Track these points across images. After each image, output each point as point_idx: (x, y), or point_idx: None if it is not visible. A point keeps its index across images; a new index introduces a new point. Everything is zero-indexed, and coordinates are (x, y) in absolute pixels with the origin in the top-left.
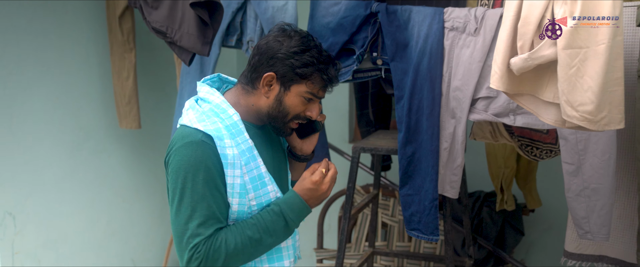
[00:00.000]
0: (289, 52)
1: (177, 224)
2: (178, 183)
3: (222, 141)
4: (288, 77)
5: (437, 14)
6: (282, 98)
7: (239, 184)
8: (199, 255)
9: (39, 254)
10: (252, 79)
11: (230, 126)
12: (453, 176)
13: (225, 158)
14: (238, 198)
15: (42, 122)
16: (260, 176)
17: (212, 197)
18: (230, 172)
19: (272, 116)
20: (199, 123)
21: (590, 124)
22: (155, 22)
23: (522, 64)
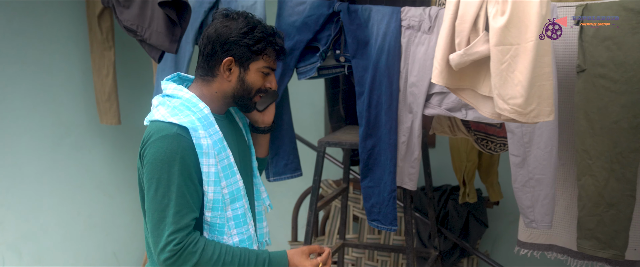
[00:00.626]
0: (240, 34)
1: (153, 213)
2: (154, 174)
3: (197, 131)
4: (245, 57)
5: (394, 13)
6: (244, 77)
7: (213, 172)
8: (176, 248)
9: (20, 246)
10: (210, 67)
11: (203, 118)
12: (411, 168)
13: (200, 148)
14: (213, 186)
15: (23, 118)
16: (230, 166)
17: (187, 188)
18: (206, 161)
19: (238, 96)
20: (172, 117)
21: (520, 117)
22: (127, 20)
23: (459, 59)
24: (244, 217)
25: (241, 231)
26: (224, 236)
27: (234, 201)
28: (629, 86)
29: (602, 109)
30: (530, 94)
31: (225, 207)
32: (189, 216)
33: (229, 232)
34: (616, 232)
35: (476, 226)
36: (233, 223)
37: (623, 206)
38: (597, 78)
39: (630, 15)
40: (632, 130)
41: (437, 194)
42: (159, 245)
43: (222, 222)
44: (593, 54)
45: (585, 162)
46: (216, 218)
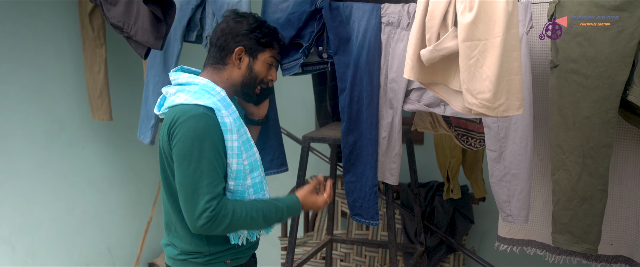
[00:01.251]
0: (251, 28)
1: (187, 185)
2: (187, 150)
3: (220, 111)
4: (254, 48)
5: (375, 9)
6: (252, 66)
7: (236, 146)
8: (211, 213)
9: (14, 240)
10: (221, 57)
11: (221, 100)
12: (392, 163)
13: (225, 125)
14: (236, 158)
15: (17, 115)
16: (248, 140)
17: (216, 161)
18: (229, 136)
19: (245, 83)
20: (196, 100)
21: (488, 111)
22: (113, 17)
23: (429, 55)
24: (261, 185)
25: (258, 196)
26: None
27: (252, 171)
28: (600, 81)
29: (574, 104)
30: (499, 88)
31: (246, 176)
32: (220, 186)
33: (249, 198)
34: (589, 227)
35: (462, 222)
36: (252, 190)
37: (595, 201)
38: (569, 74)
39: (602, 12)
40: (603, 126)
41: (423, 191)
42: (195, 213)
43: (243, 189)
44: (565, 49)
45: (559, 157)
46: (238, 186)
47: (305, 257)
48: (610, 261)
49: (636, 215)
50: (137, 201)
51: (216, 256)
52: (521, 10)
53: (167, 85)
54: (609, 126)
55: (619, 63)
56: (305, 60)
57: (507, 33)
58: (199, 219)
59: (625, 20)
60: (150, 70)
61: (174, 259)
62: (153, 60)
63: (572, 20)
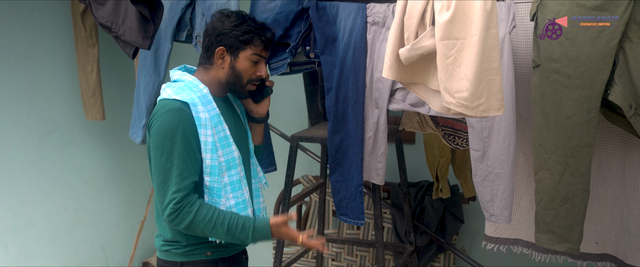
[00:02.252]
0: (231, 26)
1: (159, 175)
2: (159, 142)
3: (196, 107)
4: (235, 46)
5: (360, 9)
6: (234, 65)
7: (210, 141)
8: (175, 206)
9: (7, 239)
10: (208, 57)
11: (202, 97)
12: (378, 163)
13: (199, 120)
14: (210, 153)
15: (10, 114)
16: (226, 137)
17: (187, 154)
18: (203, 131)
19: (230, 82)
20: (176, 95)
21: (467, 110)
22: (102, 17)
23: (407, 54)
24: (239, 184)
25: (236, 195)
26: (222, 199)
27: (229, 168)
28: (581, 81)
29: (556, 103)
30: (478, 88)
31: (222, 173)
32: (189, 179)
33: (226, 196)
34: (571, 226)
35: (452, 222)
36: (229, 188)
37: (577, 200)
38: (551, 73)
39: (583, 12)
40: (585, 125)
41: (414, 190)
42: (164, 203)
43: (219, 186)
44: (547, 49)
45: (542, 156)
46: (214, 182)
47: (295, 257)
48: (596, 259)
49: (620, 214)
50: (130, 200)
51: (195, 247)
52: (504, 10)
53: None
54: (590, 126)
55: (599, 63)
56: (293, 60)
57: (486, 32)
58: (165, 209)
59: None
60: (142, 70)
61: (160, 250)
62: (144, 60)
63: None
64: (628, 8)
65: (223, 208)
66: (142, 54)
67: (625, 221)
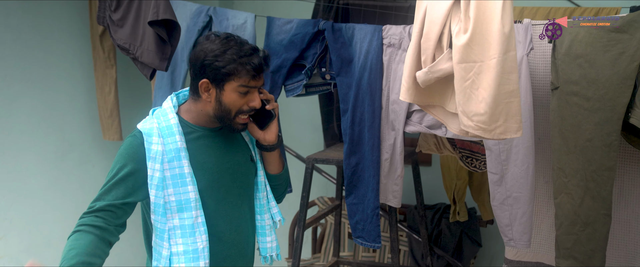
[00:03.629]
0: (211, 56)
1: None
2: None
3: (150, 137)
4: (218, 78)
5: (376, 31)
6: (221, 98)
7: (157, 177)
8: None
9: (22, 259)
10: (194, 89)
11: (165, 128)
12: (394, 185)
13: (149, 152)
14: (155, 190)
15: (27, 134)
16: (182, 175)
17: (119, 179)
18: (151, 165)
19: (218, 116)
20: (141, 123)
21: (485, 133)
22: (120, 39)
23: (424, 77)
24: (192, 229)
25: (187, 241)
26: (165, 243)
27: (181, 210)
28: (601, 104)
29: (575, 126)
30: (496, 111)
31: (171, 213)
32: (98, 203)
33: (174, 240)
34: (593, 252)
35: (469, 245)
36: (179, 232)
37: (599, 225)
38: (570, 95)
39: (602, 33)
40: (605, 148)
41: (430, 213)
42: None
43: (163, 227)
44: (566, 71)
45: (561, 180)
46: (158, 222)
47: None
48: None
49: None
50: None
51: None
52: (521, 32)
53: None
54: (611, 149)
55: (620, 85)
56: (308, 82)
57: (504, 55)
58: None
59: (626, 42)
60: (158, 91)
61: None
62: (161, 81)
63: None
64: None
65: (166, 253)
66: (159, 75)
67: None
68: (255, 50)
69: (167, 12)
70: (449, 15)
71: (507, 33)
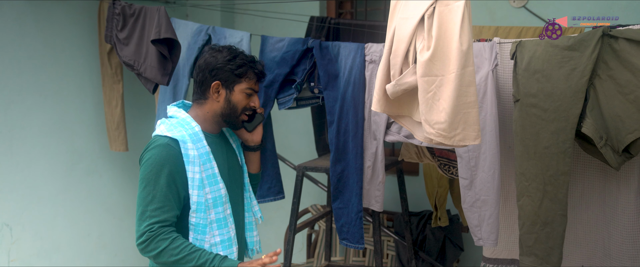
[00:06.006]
0: (225, 61)
1: (138, 206)
2: (145, 174)
3: (186, 144)
4: (230, 80)
5: (359, 49)
6: (230, 98)
7: (198, 178)
8: (150, 234)
9: (33, 263)
10: (202, 91)
11: (193, 134)
12: (376, 191)
13: (187, 157)
14: (197, 190)
15: (39, 145)
16: (214, 175)
17: (169, 190)
18: (191, 168)
19: (226, 115)
20: (167, 132)
21: (445, 140)
22: (125, 56)
23: (392, 89)
24: (225, 221)
25: (222, 232)
26: (207, 236)
27: (216, 205)
28: (557, 115)
29: (534, 135)
30: (455, 120)
31: (209, 210)
32: (168, 213)
33: (212, 233)
34: (551, 249)
35: (452, 249)
36: (215, 225)
37: (556, 225)
38: (529, 107)
39: (557, 51)
40: (561, 155)
41: (416, 219)
42: (138, 233)
43: (204, 223)
44: (525, 85)
45: (523, 184)
46: (200, 219)
47: None
48: None
49: (602, 239)
50: None
51: None
52: (487, 50)
53: None
54: (566, 155)
55: (572, 98)
56: (299, 95)
57: (462, 70)
58: (138, 239)
59: (577, 59)
60: (161, 105)
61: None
62: (164, 95)
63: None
64: (596, 48)
65: (207, 245)
66: (162, 90)
67: (607, 246)
68: (256, 59)
69: (168, 31)
70: (414, 34)
71: (465, 50)
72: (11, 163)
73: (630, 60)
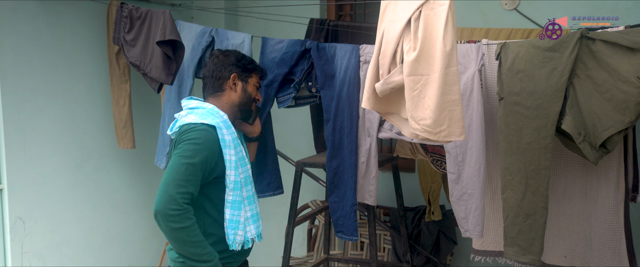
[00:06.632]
0: (238, 58)
1: (169, 172)
2: (184, 150)
3: (221, 130)
4: (244, 74)
5: (354, 50)
6: (246, 88)
7: (234, 160)
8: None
9: (45, 255)
10: (219, 84)
11: (224, 122)
12: (370, 185)
13: (224, 142)
14: (234, 170)
15: (51, 142)
16: (243, 158)
17: (201, 168)
18: (228, 151)
19: (242, 103)
20: (202, 120)
21: (430, 135)
22: (132, 57)
23: (381, 87)
24: (253, 198)
25: (252, 208)
26: (242, 211)
27: (247, 184)
28: (538, 112)
29: (517, 131)
30: (440, 117)
31: (242, 188)
32: (194, 188)
33: (245, 208)
34: (533, 240)
35: (446, 243)
36: (247, 202)
37: (538, 216)
38: (513, 105)
39: (538, 52)
40: (542, 150)
41: (411, 214)
42: (168, 194)
43: (240, 200)
44: (509, 84)
45: (507, 178)
46: (236, 196)
47: None
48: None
49: (584, 231)
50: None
51: None
52: (474, 51)
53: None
54: (547, 151)
55: (553, 96)
56: (297, 94)
57: (446, 69)
58: (170, 202)
59: (557, 59)
60: (167, 104)
61: (175, 261)
62: (169, 94)
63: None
64: (574, 49)
65: (242, 220)
66: (167, 89)
67: (588, 237)
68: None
69: (172, 33)
70: (401, 36)
71: (448, 51)
72: (24, 160)
73: (606, 60)
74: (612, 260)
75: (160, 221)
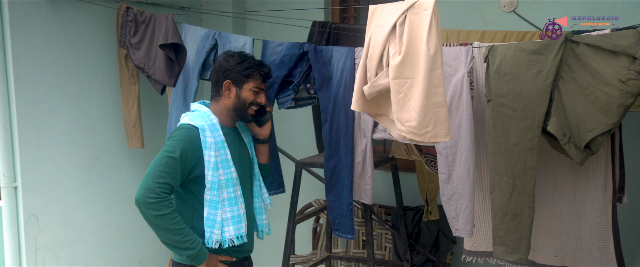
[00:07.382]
0: (235, 64)
1: (154, 164)
2: (168, 146)
3: (205, 132)
4: (239, 79)
5: (350, 52)
6: (239, 94)
7: (213, 161)
8: (160, 197)
9: (58, 251)
10: (217, 90)
11: (211, 125)
12: (366, 185)
13: (205, 143)
14: (211, 171)
15: (64, 142)
16: (227, 160)
17: (180, 162)
18: (208, 152)
19: (236, 108)
20: (191, 121)
21: (416, 137)
22: (137, 60)
23: (368, 90)
24: (236, 200)
25: (233, 209)
26: (219, 211)
27: (228, 186)
28: (524, 113)
29: (504, 133)
30: (425, 118)
31: (221, 189)
32: (173, 180)
33: (223, 209)
34: (520, 239)
35: (445, 242)
36: (227, 203)
37: (524, 216)
38: (500, 107)
39: (524, 55)
40: (528, 151)
41: (412, 213)
42: (148, 185)
43: (217, 200)
44: (496, 86)
45: (495, 178)
46: (213, 196)
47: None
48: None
49: (574, 231)
50: None
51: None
52: (463, 53)
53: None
54: (533, 152)
55: (538, 98)
56: (296, 96)
57: (430, 73)
58: (149, 191)
59: (542, 62)
60: (173, 104)
61: (176, 253)
62: (175, 95)
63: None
64: (559, 52)
65: (219, 220)
66: (173, 91)
67: (578, 237)
68: (263, 63)
69: (175, 37)
70: (387, 40)
71: (432, 55)
72: (38, 158)
73: (589, 63)
74: (601, 260)
75: (142, 209)
